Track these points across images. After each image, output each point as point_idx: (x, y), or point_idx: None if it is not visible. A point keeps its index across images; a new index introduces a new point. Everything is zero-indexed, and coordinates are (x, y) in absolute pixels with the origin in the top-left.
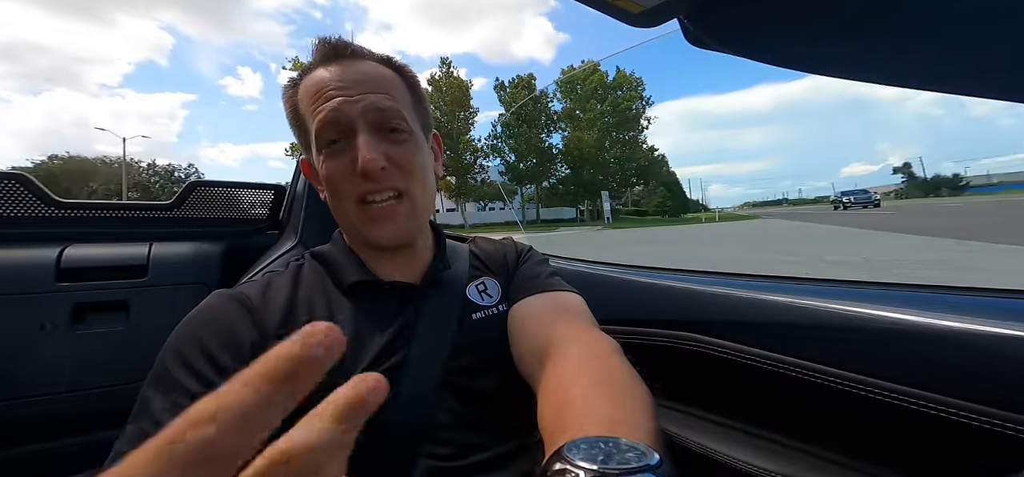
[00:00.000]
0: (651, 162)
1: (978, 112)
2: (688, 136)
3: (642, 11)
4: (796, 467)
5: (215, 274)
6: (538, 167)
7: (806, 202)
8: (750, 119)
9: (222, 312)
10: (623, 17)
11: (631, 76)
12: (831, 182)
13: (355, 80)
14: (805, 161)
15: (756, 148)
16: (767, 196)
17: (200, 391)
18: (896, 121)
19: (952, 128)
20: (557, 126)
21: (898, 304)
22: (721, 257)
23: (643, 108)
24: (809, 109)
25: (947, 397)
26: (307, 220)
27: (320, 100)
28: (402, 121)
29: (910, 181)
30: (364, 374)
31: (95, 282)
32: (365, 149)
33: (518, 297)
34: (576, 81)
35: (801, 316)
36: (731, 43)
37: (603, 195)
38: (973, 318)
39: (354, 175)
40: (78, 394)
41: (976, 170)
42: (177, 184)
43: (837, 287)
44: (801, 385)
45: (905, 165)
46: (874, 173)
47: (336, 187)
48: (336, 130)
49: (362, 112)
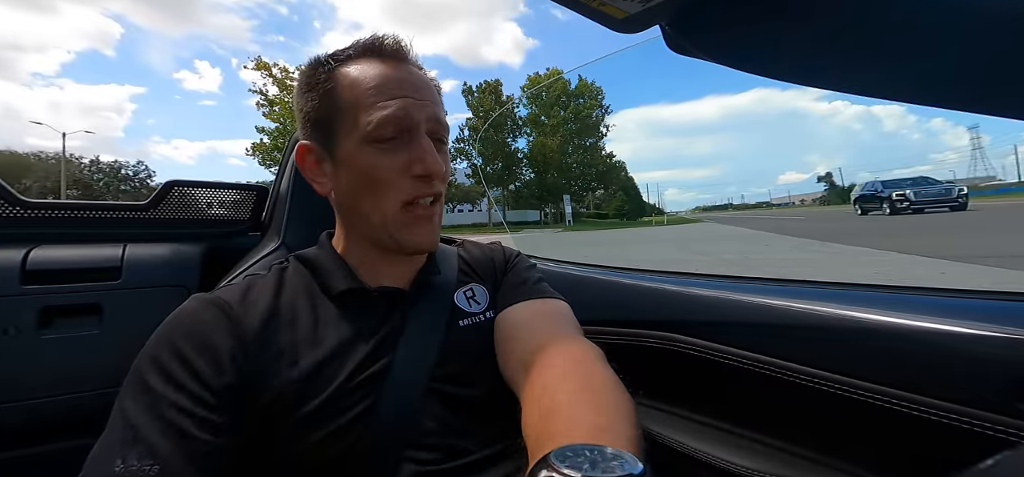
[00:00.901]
0: (609, 168)
1: (891, 127)
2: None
3: (626, 17)
4: (771, 463)
5: (194, 276)
6: (504, 171)
7: (748, 207)
8: (701, 128)
9: (199, 317)
10: (608, 22)
11: (592, 85)
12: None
13: (420, 86)
14: (747, 169)
15: (707, 156)
16: (715, 201)
17: (176, 398)
18: (824, 134)
19: (869, 141)
20: (522, 131)
21: (867, 304)
22: (647, 256)
23: (602, 115)
24: (752, 120)
25: (913, 394)
26: (290, 222)
27: (383, 95)
28: (447, 133)
29: (831, 189)
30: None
31: (64, 285)
32: (432, 154)
33: (506, 303)
34: (541, 87)
35: (777, 316)
36: (710, 50)
37: (565, 199)
38: (935, 318)
39: (407, 175)
40: (44, 401)
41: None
42: (124, 182)
43: (812, 288)
44: (778, 384)
45: (827, 174)
46: (804, 181)
47: (383, 183)
48: (399, 128)
49: (427, 119)
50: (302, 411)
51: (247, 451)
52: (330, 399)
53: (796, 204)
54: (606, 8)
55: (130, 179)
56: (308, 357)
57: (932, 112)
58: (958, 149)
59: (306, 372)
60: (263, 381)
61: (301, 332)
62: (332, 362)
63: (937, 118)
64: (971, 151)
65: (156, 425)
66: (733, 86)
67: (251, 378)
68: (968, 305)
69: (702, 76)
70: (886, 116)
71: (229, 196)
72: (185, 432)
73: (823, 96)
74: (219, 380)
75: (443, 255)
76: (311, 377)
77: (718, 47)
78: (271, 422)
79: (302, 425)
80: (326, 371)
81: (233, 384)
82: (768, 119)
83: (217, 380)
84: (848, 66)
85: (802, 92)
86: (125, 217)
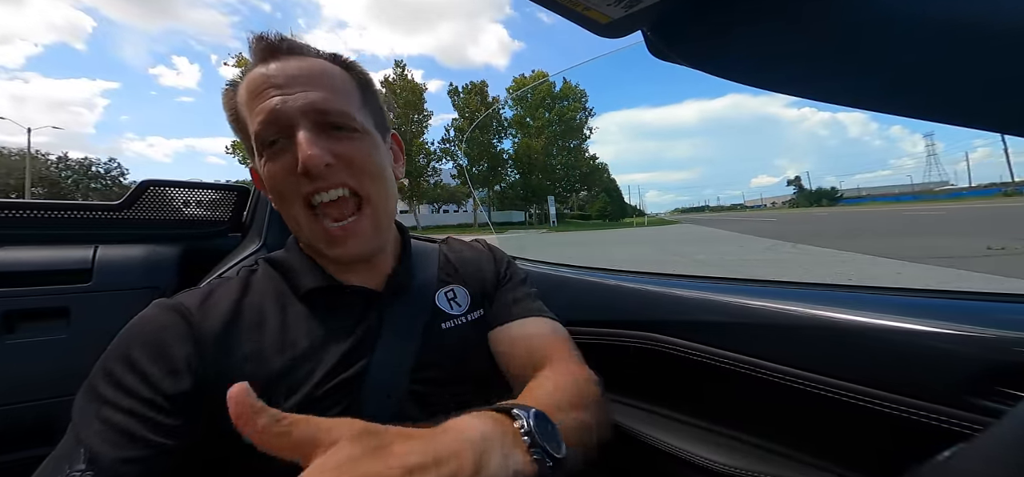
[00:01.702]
0: (592, 169)
1: (854, 133)
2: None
3: (609, 22)
4: (748, 460)
5: (170, 278)
6: (489, 172)
7: (724, 209)
8: (680, 132)
9: (157, 323)
10: (592, 27)
11: (576, 88)
12: (740, 192)
13: (294, 76)
14: (723, 172)
15: (685, 159)
16: (694, 202)
17: (125, 403)
18: (793, 139)
19: (835, 147)
20: (507, 132)
21: (838, 304)
22: (627, 256)
23: (586, 118)
24: (728, 124)
25: (880, 390)
26: (272, 223)
27: (258, 99)
28: (348, 118)
29: (800, 192)
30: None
31: (30, 287)
32: (305, 145)
33: (507, 317)
34: (526, 90)
35: (755, 317)
36: (689, 57)
37: (549, 200)
38: (899, 317)
39: (296, 175)
40: (6, 408)
41: (849, 184)
42: (94, 180)
43: (788, 288)
44: (756, 382)
45: (796, 178)
46: (775, 184)
47: (280, 190)
48: (276, 129)
49: (302, 109)
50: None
51: (213, 456)
52: (302, 403)
53: (768, 206)
54: (590, 13)
55: (101, 177)
56: (276, 360)
57: (892, 119)
58: (915, 155)
59: (275, 375)
60: (227, 385)
61: (269, 335)
62: (304, 364)
63: (896, 126)
64: (926, 157)
65: (99, 431)
66: (710, 91)
67: (211, 382)
68: (928, 304)
69: (680, 80)
70: (850, 123)
71: (208, 196)
72: (132, 435)
73: (792, 102)
74: (174, 385)
75: (422, 253)
76: (280, 380)
77: (697, 54)
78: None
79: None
80: (297, 373)
81: (189, 390)
82: (742, 123)
83: (171, 385)
84: (826, 74)
85: (773, 98)
86: (97, 217)
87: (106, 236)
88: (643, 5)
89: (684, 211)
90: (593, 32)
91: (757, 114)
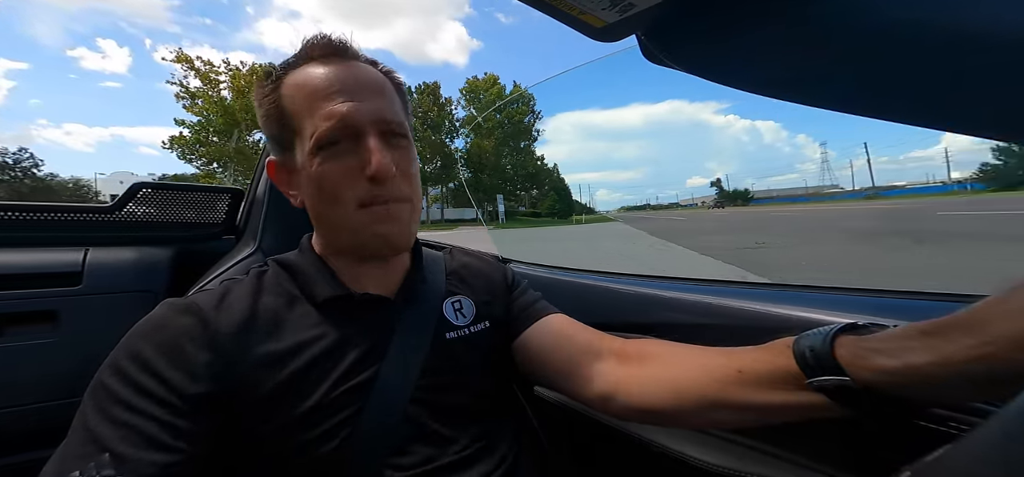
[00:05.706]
0: (539, 170)
1: (769, 140)
2: (582, 145)
3: (604, 26)
4: (742, 462)
5: (162, 281)
6: (442, 170)
7: (662, 208)
8: (627, 134)
9: (170, 325)
10: (587, 31)
11: (524, 91)
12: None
13: (364, 84)
14: (664, 173)
15: (632, 159)
16: (637, 201)
17: (145, 406)
18: (721, 143)
19: (753, 151)
20: (459, 132)
21: (840, 308)
22: (556, 251)
23: (533, 120)
24: (668, 128)
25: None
26: (267, 226)
27: (324, 101)
28: (405, 128)
29: (721, 193)
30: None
31: (16, 291)
32: (380, 154)
33: (529, 322)
34: (479, 90)
35: (750, 320)
36: (683, 61)
37: (498, 198)
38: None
39: (359, 179)
40: None
41: (761, 187)
42: (2, 171)
43: (786, 291)
44: None
45: (718, 180)
46: (705, 185)
47: (335, 191)
48: (343, 133)
49: (372, 119)
50: (284, 419)
51: (225, 458)
52: (314, 407)
53: (699, 205)
54: (585, 17)
55: (9, 168)
56: (291, 365)
57: (799, 127)
58: (815, 160)
59: (289, 380)
60: (243, 389)
61: (284, 340)
62: (316, 370)
63: (801, 134)
64: (821, 163)
65: (120, 433)
66: (652, 96)
67: (229, 387)
68: (923, 307)
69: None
70: (766, 130)
71: (200, 198)
72: (153, 439)
73: (720, 109)
74: (192, 388)
75: (430, 261)
76: (294, 385)
77: (691, 59)
78: (252, 429)
79: (283, 433)
80: (311, 377)
81: (207, 393)
82: (679, 127)
83: (190, 388)
84: (819, 79)
85: (705, 105)
86: (87, 219)
87: (97, 238)
88: (638, 10)
89: (628, 210)
90: (588, 36)
91: (692, 119)
